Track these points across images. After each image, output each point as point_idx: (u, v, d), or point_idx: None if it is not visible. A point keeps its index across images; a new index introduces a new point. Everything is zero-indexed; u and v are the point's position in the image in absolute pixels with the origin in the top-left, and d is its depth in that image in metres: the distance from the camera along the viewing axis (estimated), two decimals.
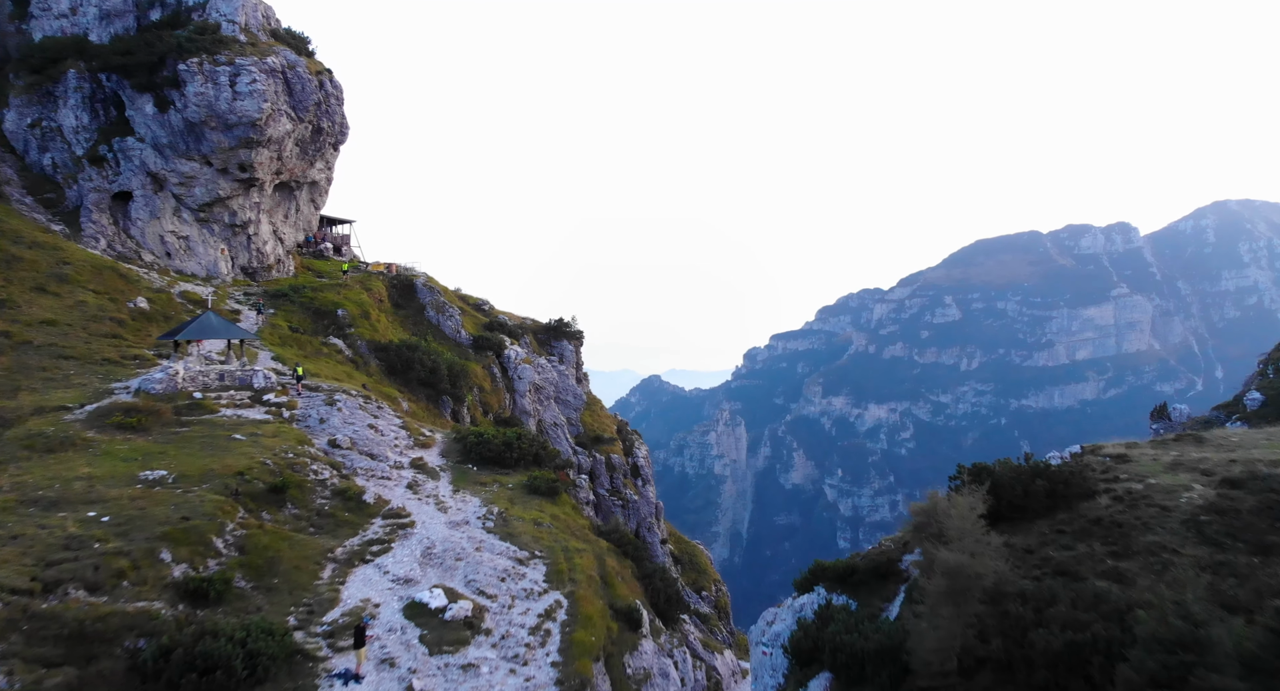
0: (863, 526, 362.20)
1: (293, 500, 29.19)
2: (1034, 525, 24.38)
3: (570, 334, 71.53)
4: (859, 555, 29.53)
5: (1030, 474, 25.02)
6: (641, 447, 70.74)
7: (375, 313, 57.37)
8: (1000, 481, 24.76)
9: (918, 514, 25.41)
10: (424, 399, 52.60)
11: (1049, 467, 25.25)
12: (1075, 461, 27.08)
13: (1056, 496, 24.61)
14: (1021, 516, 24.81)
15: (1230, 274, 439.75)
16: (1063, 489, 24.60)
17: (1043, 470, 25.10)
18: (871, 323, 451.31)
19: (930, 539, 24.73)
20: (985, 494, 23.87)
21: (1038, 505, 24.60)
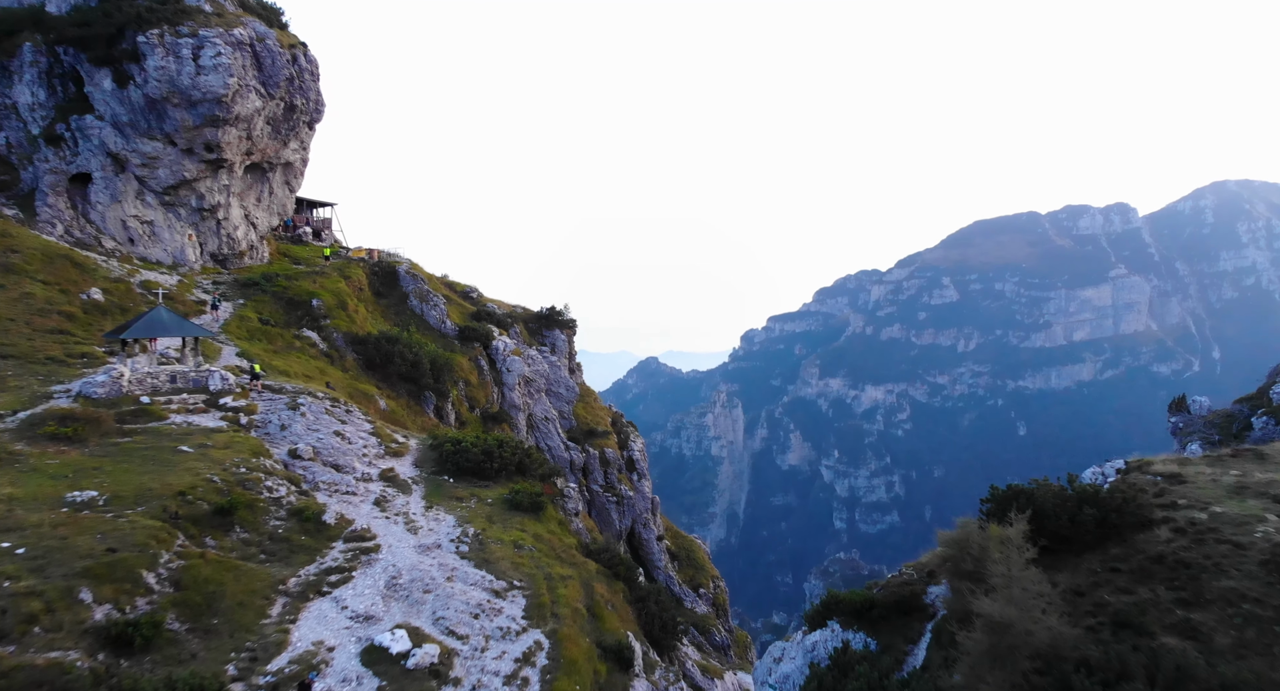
0: (859, 507, 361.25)
1: (242, 523, 25.85)
2: (1082, 560, 21.17)
3: (562, 323, 68.02)
4: (876, 584, 26.30)
5: (1077, 500, 21.73)
6: (637, 440, 67.54)
7: (353, 302, 53.78)
8: (1043, 509, 21.48)
9: (948, 545, 22.21)
10: (405, 395, 49.20)
11: (1098, 493, 21.94)
12: (1124, 483, 23.77)
13: (1108, 526, 21.37)
14: (1067, 548, 21.62)
15: (1229, 255, 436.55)
16: (1115, 518, 21.36)
17: (1091, 496, 21.81)
18: (869, 304, 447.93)
19: (963, 577, 21.57)
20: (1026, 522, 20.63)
21: (1086, 537, 21.38)
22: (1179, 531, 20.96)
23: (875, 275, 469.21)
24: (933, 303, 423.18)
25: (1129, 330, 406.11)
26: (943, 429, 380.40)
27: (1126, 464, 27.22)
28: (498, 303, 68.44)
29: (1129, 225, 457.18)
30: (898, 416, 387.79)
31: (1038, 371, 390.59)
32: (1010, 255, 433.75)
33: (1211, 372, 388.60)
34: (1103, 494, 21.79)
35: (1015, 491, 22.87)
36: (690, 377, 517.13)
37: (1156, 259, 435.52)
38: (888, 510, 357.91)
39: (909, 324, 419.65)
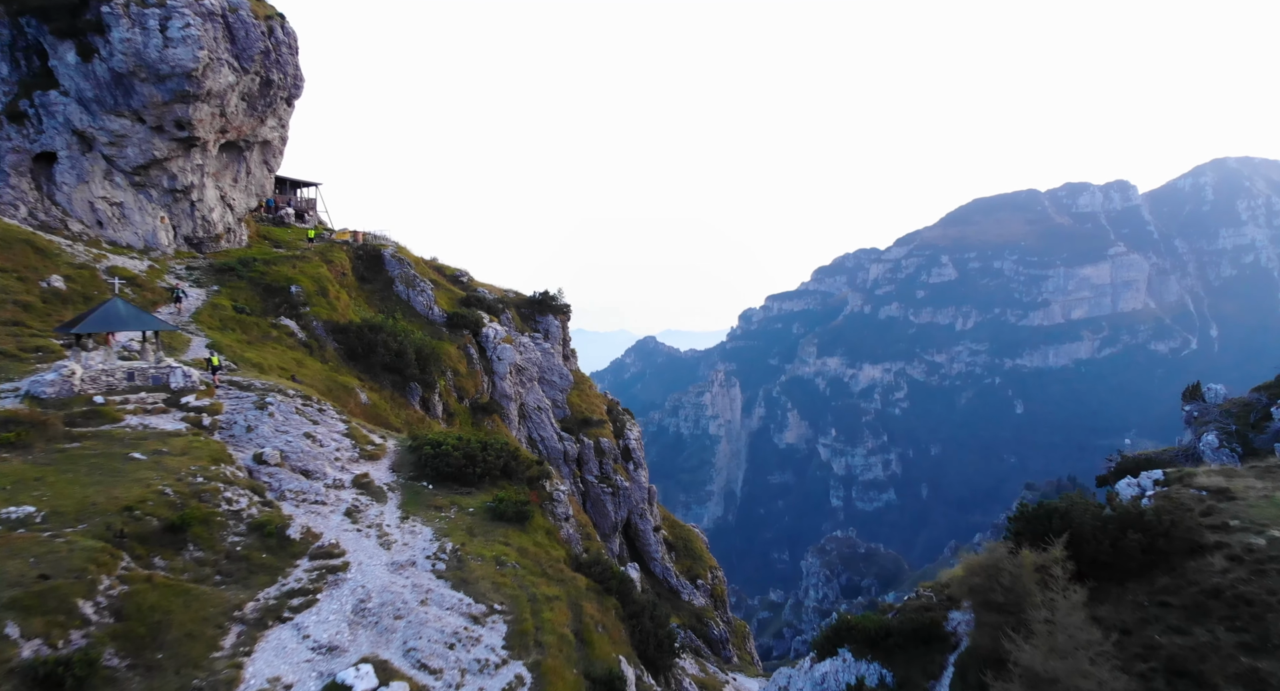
0: (856, 485, 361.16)
1: (196, 540, 23.45)
2: (1126, 591, 18.85)
3: (556, 308, 65.35)
4: (891, 607, 23.99)
5: (1119, 523, 19.35)
6: (633, 428, 65.20)
7: (335, 288, 51.06)
8: (1082, 533, 19.13)
9: (975, 572, 19.85)
10: (389, 386, 46.70)
11: (1143, 515, 19.53)
12: (1168, 502, 21.35)
13: (1155, 552, 19.07)
14: (1107, 575, 19.31)
15: (1228, 232, 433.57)
16: (1163, 543, 19.03)
17: (1135, 518, 19.42)
18: (867, 283, 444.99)
19: (992, 609, 19.27)
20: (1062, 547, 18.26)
21: (1131, 564, 19.07)
22: (1235, 559, 18.62)
23: (874, 254, 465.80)
24: (931, 281, 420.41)
25: (1127, 308, 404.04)
26: (940, 407, 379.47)
27: (1166, 475, 24.84)
28: (489, 287, 65.75)
29: (1129, 203, 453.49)
30: (895, 395, 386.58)
31: (1035, 350, 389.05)
32: (1009, 233, 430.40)
33: (1209, 351, 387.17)
34: (1148, 516, 19.41)
35: (1047, 509, 20.49)
36: (688, 357, 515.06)
37: (1156, 237, 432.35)
38: (884, 488, 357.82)
39: (907, 302, 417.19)
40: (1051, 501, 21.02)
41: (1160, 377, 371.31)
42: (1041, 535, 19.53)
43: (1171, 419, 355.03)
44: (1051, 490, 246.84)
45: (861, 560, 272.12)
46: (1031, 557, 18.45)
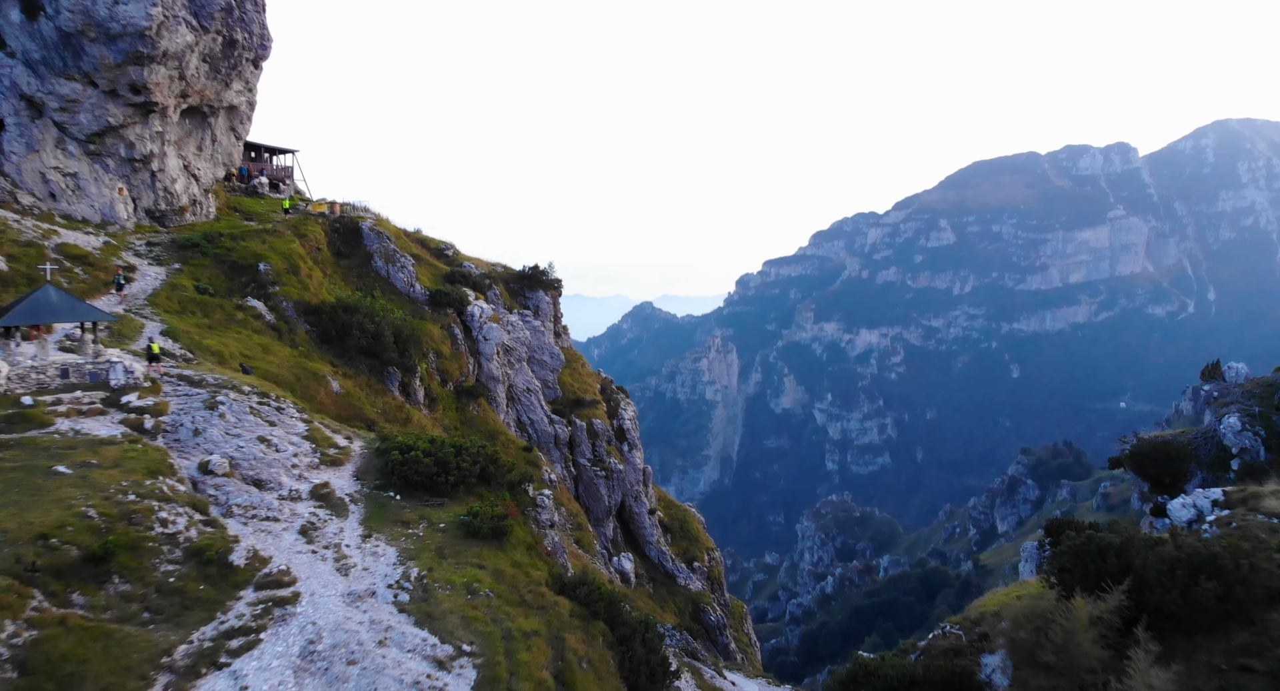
0: (851, 449, 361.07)
1: (123, 571, 20.40)
2: (1197, 647, 15.95)
3: (546, 283, 61.82)
4: (914, 646, 21.12)
5: (1190, 567, 16.33)
6: (628, 408, 62.21)
7: (307, 265, 47.47)
8: (1147, 580, 16.15)
9: (1018, 624, 16.92)
10: (365, 371, 43.45)
11: (1215, 559, 16.48)
12: (1240, 537, 18.31)
13: (1231, 601, 16.16)
14: (1173, 626, 16.43)
15: (1228, 195, 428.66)
16: (1240, 591, 16.09)
17: (1207, 561, 16.40)
18: (865, 247, 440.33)
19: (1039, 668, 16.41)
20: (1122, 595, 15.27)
21: (1204, 617, 16.17)
22: None
23: (872, 218, 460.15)
24: (929, 245, 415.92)
25: (1125, 272, 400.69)
26: (936, 372, 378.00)
27: (1226, 494, 21.80)
28: (476, 261, 62.12)
29: (1129, 165, 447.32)
30: (891, 360, 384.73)
31: (1033, 314, 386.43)
32: (1009, 196, 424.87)
33: (1206, 314, 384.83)
34: (1221, 559, 16.39)
35: (1099, 546, 17.43)
36: (685, 322, 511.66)
37: (1155, 200, 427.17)
38: (879, 452, 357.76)
39: (905, 267, 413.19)
40: (1103, 534, 18.01)
41: (1157, 341, 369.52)
42: (1094, 577, 16.56)
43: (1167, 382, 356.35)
44: (1048, 455, 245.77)
45: (856, 524, 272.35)
46: (1086, 609, 15.49)
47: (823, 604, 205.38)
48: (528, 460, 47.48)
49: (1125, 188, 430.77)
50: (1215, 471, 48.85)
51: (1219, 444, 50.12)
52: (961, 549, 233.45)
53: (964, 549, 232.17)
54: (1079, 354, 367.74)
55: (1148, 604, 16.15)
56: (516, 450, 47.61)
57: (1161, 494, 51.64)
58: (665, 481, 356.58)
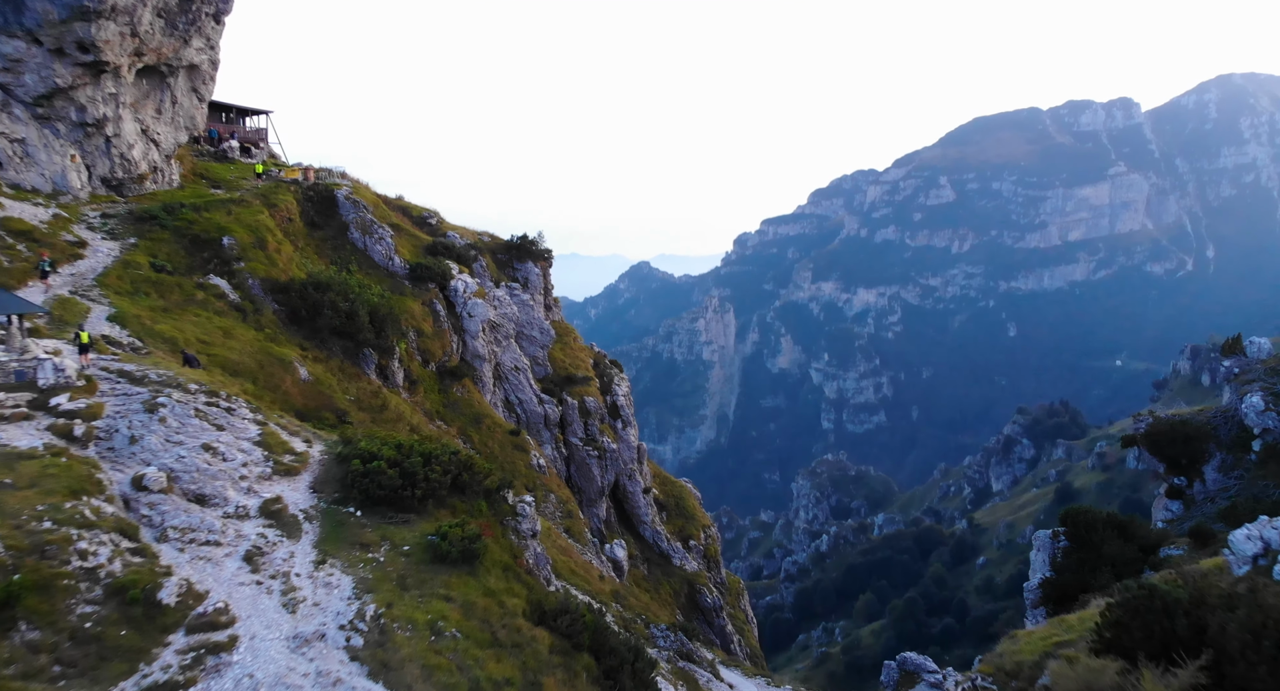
0: (847, 408, 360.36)
1: (31, 616, 17.51)
2: None
3: (535, 254, 58.24)
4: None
5: None
6: (622, 384, 59.24)
7: (276, 238, 43.91)
8: (1228, 650, 13.35)
9: None
10: (339, 354, 40.28)
11: None
12: None
13: None
14: None
15: (1229, 151, 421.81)
16: None
17: None
18: (864, 205, 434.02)
19: None
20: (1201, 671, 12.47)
21: None
22: None
23: (872, 175, 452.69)
24: (929, 203, 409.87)
25: (1125, 229, 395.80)
26: (932, 331, 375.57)
27: None
28: (461, 230, 58.44)
29: (1131, 121, 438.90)
30: (888, 319, 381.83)
31: (1031, 272, 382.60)
32: (1009, 153, 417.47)
33: (1205, 272, 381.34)
34: None
35: (1165, 601, 14.51)
36: (682, 282, 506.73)
37: (1157, 156, 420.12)
38: (875, 411, 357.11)
39: (904, 225, 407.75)
40: (1167, 587, 15.14)
41: (1154, 299, 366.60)
42: (1159, 641, 13.77)
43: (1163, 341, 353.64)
44: (1044, 414, 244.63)
45: (851, 482, 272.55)
46: (1152, 684, 12.69)
47: (817, 561, 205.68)
48: (515, 445, 44.71)
49: (1127, 144, 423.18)
50: (1235, 453, 46.36)
51: (1240, 424, 47.44)
52: (956, 507, 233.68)
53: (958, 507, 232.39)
54: (1076, 312, 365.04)
55: (1229, 679, 13.36)
56: (503, 434, 44.79)
57: (1178, 475, 49.26)
58: (662, 440, 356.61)
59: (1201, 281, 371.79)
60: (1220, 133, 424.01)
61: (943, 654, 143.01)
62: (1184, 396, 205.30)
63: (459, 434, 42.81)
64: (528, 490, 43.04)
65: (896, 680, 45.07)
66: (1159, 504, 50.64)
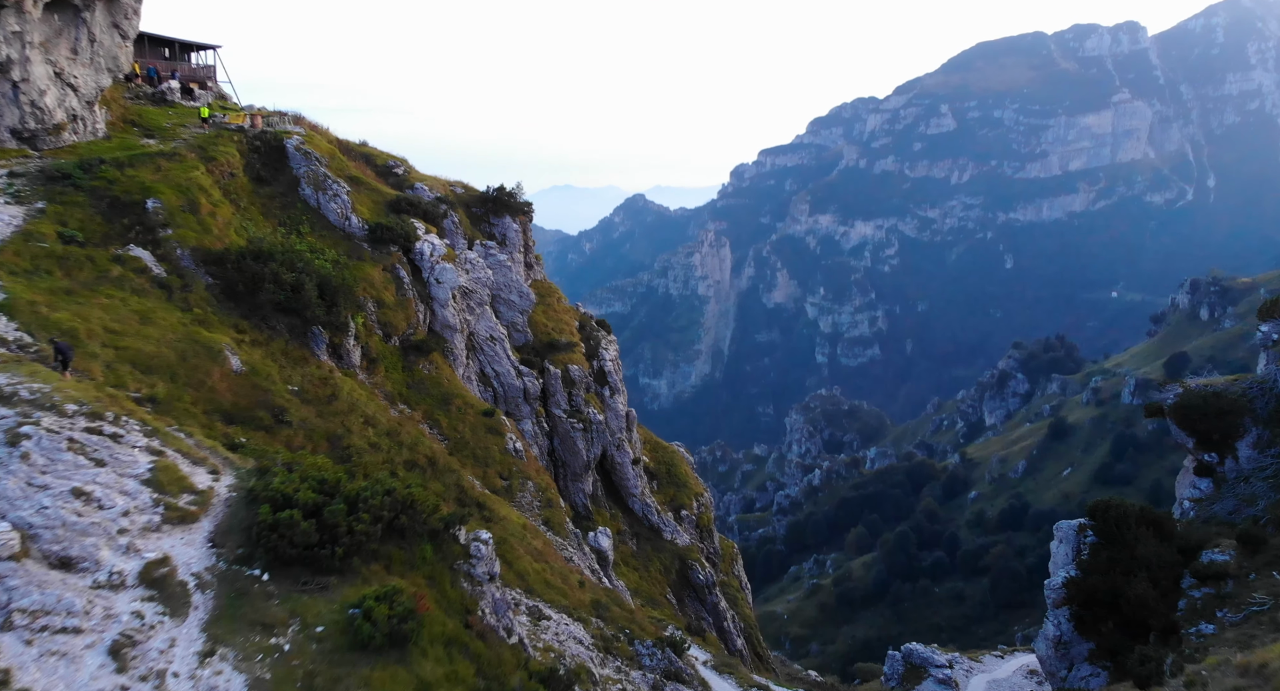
0: (841, 342, 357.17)
1: None
2: None
3: (514, 207, 52.28)
4: None
5: None
6: (610, 347, 54.27)
7: (212, 199, 38.04)
8: None
9: None
10: (284, 333, 35.05)
11: None
12: None
13: None
14: None
15: (1235, 77, 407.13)
16: None
17: None
18: (864, 135, 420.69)
19: None
20: None
21: None
22: None
23: (872, 103, 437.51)
24: (929, 132, 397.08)
25: (1126, 158, 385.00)
26: (929, 263, 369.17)
27: None
28: (430, 181, 52.26)
29: (1137, 46, 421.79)
30: (885, 252, 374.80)
31: (1029, 203, 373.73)
32: (1012, 80, 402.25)
33: (1205, 202, 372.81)
34: None
35: None
36: (678, 215, 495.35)
37: (1161, 82, 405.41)
38: (869, 344, 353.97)
39: (903, 156, 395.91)
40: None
41: (1153, 230, 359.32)
42: None
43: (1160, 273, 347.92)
44: (1039, 349, 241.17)
45: (844, 416, 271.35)
46: None
47: (810, 495, 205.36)
48: (488, 427, 40.05)
49: (1131, 70, 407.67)
50: (1273, 428, 42.01)
51: (1278, 397, 42.89)
52: (949, 441, 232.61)
53: (951, 441, 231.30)
54: (1073, 243, 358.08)
55: None
56: (475, 416, 40.05)
57: (1209, 451, 45.00)
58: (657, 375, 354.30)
59: (1201, 211, 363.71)
60: (1227, 58, 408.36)
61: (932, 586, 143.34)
62: (1182, 330, 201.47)
63: (424, 418, 38.05)
64: (501, 479, 38.65)
65: (901, 672, 41.88)
66: (1185, 480, 46.58)
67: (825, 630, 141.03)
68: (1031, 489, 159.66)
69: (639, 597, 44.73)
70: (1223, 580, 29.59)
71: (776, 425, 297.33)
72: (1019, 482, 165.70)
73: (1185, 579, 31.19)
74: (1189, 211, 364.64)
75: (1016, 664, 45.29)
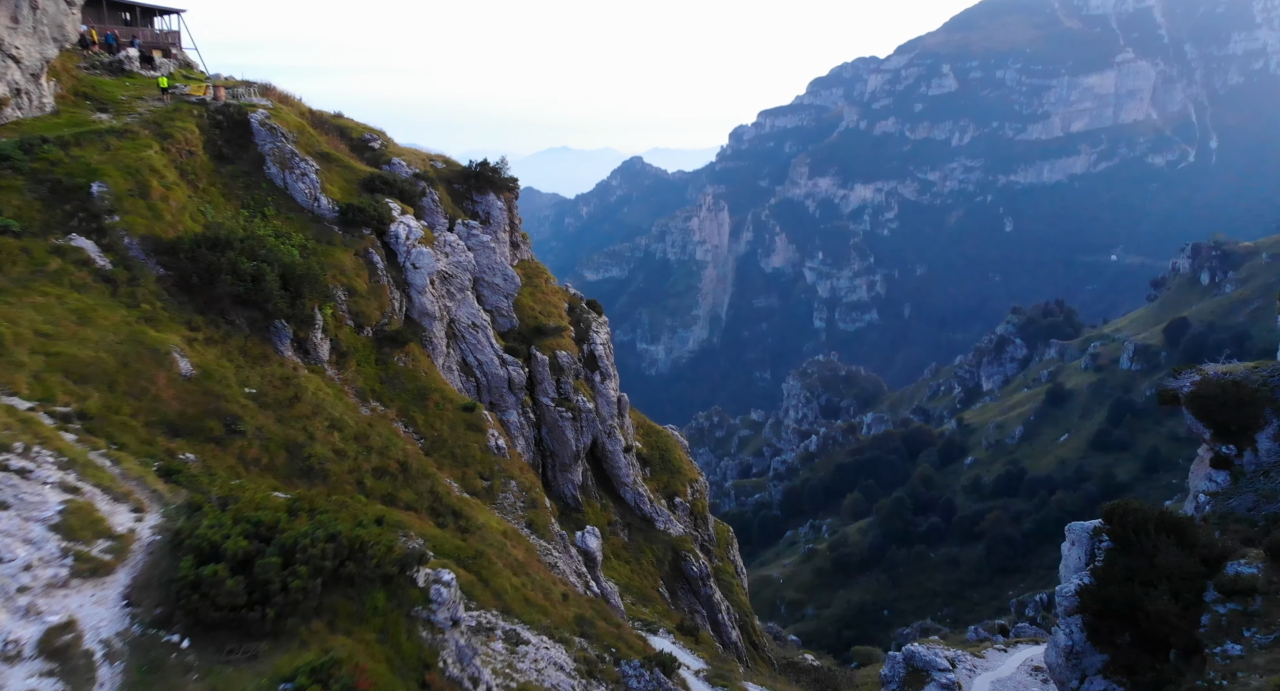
0: (839, 306, 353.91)
1: None
2: None
3: (498, 184, 48.89)
4: None
5: None
6: (601, 330, 51.44)
7: (165, 181, 34.79)
8: None
9: None
10: (244, 327, 32.14)
11: None
12: None
13: None
14: None
15: (1240, 36, 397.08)
16: None
17: None
18: (864, 95, 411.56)
19: None
20: None
21: None
22: None
23: (873, 63, 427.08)
24: (930, 93, 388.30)
25: (1129, 119, 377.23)
26: (929, 227, 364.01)
27: None
28: (409, 156, 48.75)
29: (1141, 3, 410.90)
30: (885, 215, 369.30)
31: (1030, 165, 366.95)
32: (1015, 38, 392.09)
33: (1206, 163, 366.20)
34: None
35: None
36: (676, 178, 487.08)
37: (1166, 41, 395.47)
38: (867, 309, 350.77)
39: (904, 117, 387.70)
40: None
41: (1154, 192, 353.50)
42: None
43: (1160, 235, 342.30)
44: (1038, 313, 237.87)
45: (841, 382, 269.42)
46: None
47: (806, 461, 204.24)
48: (468, 423, 37.44)
49: (1136, 28, 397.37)
50: None
51: None
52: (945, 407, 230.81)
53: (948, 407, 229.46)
54: (1073, 206, 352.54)
55: None
56: (454, 411, 37.43)
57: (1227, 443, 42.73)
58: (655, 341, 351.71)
59: (1202, 173, 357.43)
60: (1232, 16, 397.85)
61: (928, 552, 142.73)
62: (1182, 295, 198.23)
63: (399, 416, 35.41)
64: (482, 479, 36.14)
65: (902, 676, 39.91)
66: (1199, 472, 44.10)
67: (821, 594, 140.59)
68: (1028, 454, 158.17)
69: (629, 594, 42.68)
70: (1250, 596, 27.26)
71: (774, 390, 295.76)
72: (1015, 448, 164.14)
73: (1209, 591, 28.95)
74: (1190, 173, 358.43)
75: (1020, 658, 43.50)
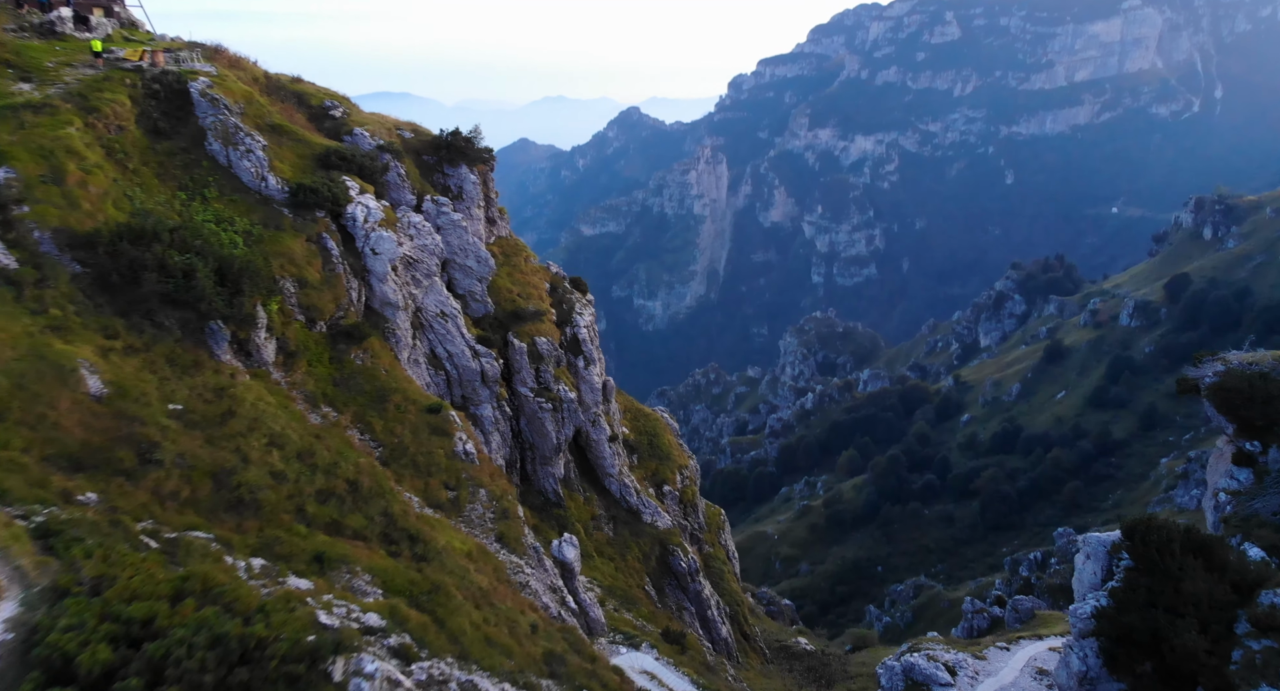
0: (838, 261, 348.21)
1: None
2: None
3: (472, 156, 44.33)
4: None
5: None
6: (585, 312, 47.56)
7: (84, 164, 30.53)
8: None
9: None
10: (175, 330, 28.36)
11: None
12: None
13: None
14: None
15: None
16: None
17: None
18: (866, 44, 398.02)
19: None
20: None
21: None
22: None
23: (875, 10, 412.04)
24: (933, 41, 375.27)
25: (1133, 68, 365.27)
26: (929, 179, 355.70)
27: None
28: (374, 123, 44.09)
29: None
30: (885, 168, 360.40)
31: (1033, 115, 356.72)
32: None
33: (1210, 114, 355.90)
34: None
35: None
36: (674, 130, 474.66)
37: None
38: (865, 264, 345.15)
39: (906, 66, 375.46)
40: None
41: (1156, 143, 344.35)
42: None
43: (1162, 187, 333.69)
44: (1038, 269, 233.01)
45: (839, 338, 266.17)
46: None
47: (802, 418, 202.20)
48: (433, 427, 33.88)
49: None
50: None
51: None
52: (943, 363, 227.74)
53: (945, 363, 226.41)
54: (1076, 157, 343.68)
55: None
56: (418, 414, 33.87)
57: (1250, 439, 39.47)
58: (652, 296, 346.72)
59: (1207, 123, 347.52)
60: None
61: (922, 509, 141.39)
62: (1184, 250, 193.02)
63: (354, 422, 31.86)
64: (448, 489, 32.74)
65: (902, 689, 37.48)
66: (1219, 467, 40.88)
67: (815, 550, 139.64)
68: (1025, 412, 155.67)
69: (613, 598, 39.86)
70: None
71: (771, 346, 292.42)
72: (1012, 405, 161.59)
73: (1240, 622, 25.96)
74: (1195, 123, 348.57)
75: (1023, 659, 41.11)
